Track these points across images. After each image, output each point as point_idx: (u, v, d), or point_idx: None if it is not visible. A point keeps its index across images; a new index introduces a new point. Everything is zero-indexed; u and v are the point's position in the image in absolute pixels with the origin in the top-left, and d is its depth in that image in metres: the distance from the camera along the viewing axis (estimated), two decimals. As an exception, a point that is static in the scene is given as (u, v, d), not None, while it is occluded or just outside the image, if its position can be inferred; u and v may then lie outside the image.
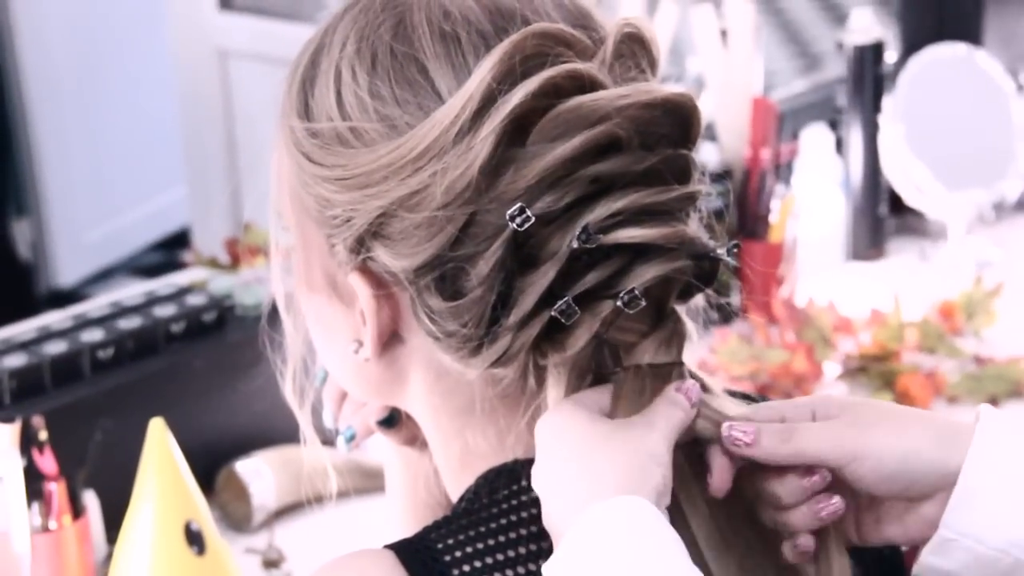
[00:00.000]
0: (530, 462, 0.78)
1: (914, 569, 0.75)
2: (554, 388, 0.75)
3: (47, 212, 3.79)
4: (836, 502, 0.75)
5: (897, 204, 2.14)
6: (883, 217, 2.13)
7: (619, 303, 0.73)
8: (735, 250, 0.76)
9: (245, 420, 1.56)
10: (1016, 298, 1.95)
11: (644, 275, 0.73)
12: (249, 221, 2.07)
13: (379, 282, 0.77)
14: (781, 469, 0.75)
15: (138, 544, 1.29)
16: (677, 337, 0.77)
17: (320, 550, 1.52)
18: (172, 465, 1.30)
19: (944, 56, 2.12)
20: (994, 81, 2.13)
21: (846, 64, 2.10)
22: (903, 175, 2.09)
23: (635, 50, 0.76)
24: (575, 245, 0.72)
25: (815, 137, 2.08)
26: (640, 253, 0.73)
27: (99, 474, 1.40)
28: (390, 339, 0.79)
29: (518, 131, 0.72)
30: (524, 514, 0.77)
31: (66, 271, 3.86)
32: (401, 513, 0.97)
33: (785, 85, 2.40)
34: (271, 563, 1.48)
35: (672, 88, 0.75)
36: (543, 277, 0.72)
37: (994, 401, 1.73)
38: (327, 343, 0.83)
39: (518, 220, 0.71)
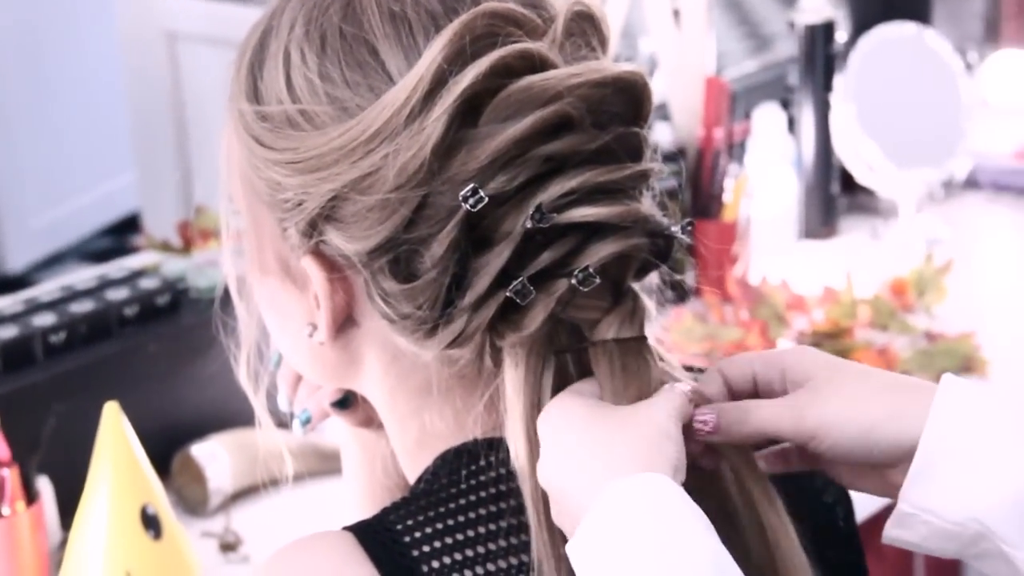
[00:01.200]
0: (489, 442, 0.78)
1: (882, 538, 0.76)
2: (511, 368, 0.75)
3: (-6, 198, 3.75)
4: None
5: (849, 183, 2.15)
6: (835, 196, 2.14)
7: (574, 281, 0.73)
8: (689, 228, 0.76)
9: (200, 403, 1.56)
10: (965, 275, 1.97)
11: (598, 253, 0.73)
12: (201, 204, 2.06)
13: (332, 265, 0.76)
14: None
15: (94, 529, 1.28)
16: (638, 313, 0.77)
17: (277, 533, 1.52)
18: (127, 449, 1.29)
19: (894, 35, 2.14)
20: (943, 60, 2.15)
21: (797, 44, 2.10)
22: (854, 154, 2.10)
23: (585, 28, 0.76)
24: (529, 225, 0.72)
25: (767, 117, 2.09)
26: (594, 232, 0.73)
27: (52, 459, 1.39)
28: (344, 322, 0.79)
29: (470, 112, 0.72)
30: (483, 493, 0.77)
31: (14, 257, 3.82)
32: (358, 495, 0.97)
33: (736, 65, 2.41)
34: (228, 546, 1.47)
35: (623, 66, 0.75)
36: (497, 257, 0.72)
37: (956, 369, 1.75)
38: (281, 327, 0.83)
39: (471, 201, 0.71)
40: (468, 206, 0.71)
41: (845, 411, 0.74)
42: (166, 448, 1.52)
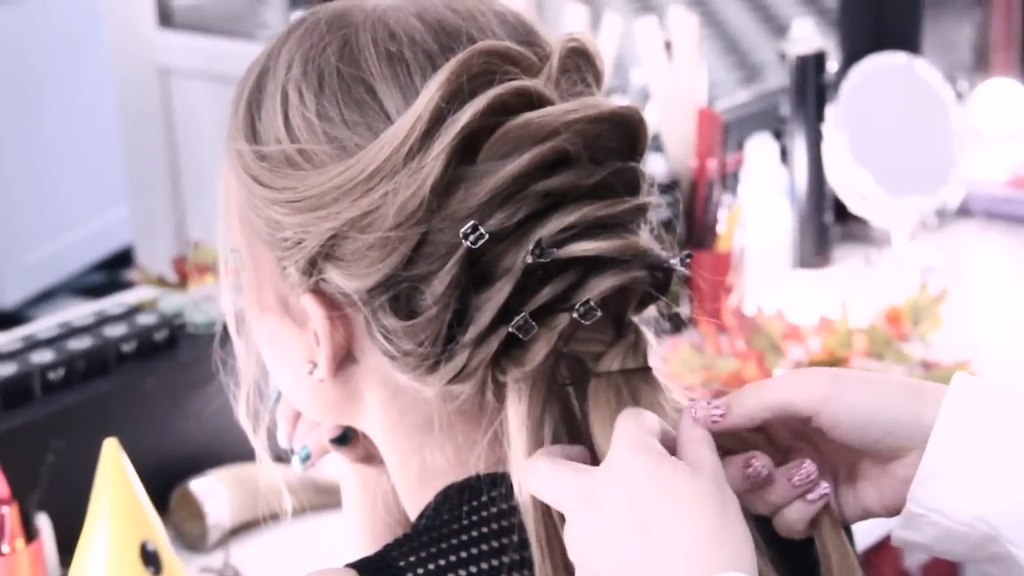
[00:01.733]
0: (491, 477, 0.78)
1: (891, 540, 0.76)
2: (514, 404, 0.75)
3: (-13, 233, 3.75)
4: (823, 487, 0.75)
5: (842, 212, 2.16)
6: (828, 225, 2.15)
7: (575, 315, 0.73)
8: (687, 260, 0.77)
9: (198, 439, 1.56)
10: (959, 303, 1.98)
11: (599, 286, 0.73)
12: (197, 240, 2.06)
13: (332, 303, 0.77)
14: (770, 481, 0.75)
15: (94, 565, 1.28)
16: (641, 345, 0.77)
17: (276, 568, 1.52)
18: (127, 485, 1.29)
19: (884, 65, 2.15)
20: (934, 89, 2.16)
21: (789, 74, 2.12)
22: (847, 183, 2.11)
23: (580, 64, 0.77)
24: (529, 260, 0.72)
25: (760, 147, 2.10)
26: (594, 266, 0.74)
27: (51, 496, 1.39)
28: (344, 359, 0.79)
29: (468, 149, 0.72)
30: (485, 529, 0.77)
31: (7, 292, 3.82)
32: (358, 531, 0.97)
33: (727, 96, 2.42)
34: (227, 582, 1.47)
35: (618, 102, 0.76)
36: (498, 293, 0.73)
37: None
38: (280, 364, 0.83)
39: (471, 237, 0.72)
40: (468, 243, 0.72)
41: (861, 385, 0.74)
42: (164, 484, 1.52)
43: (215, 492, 1.53)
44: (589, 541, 0.70)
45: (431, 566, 0.76)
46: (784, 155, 2.14)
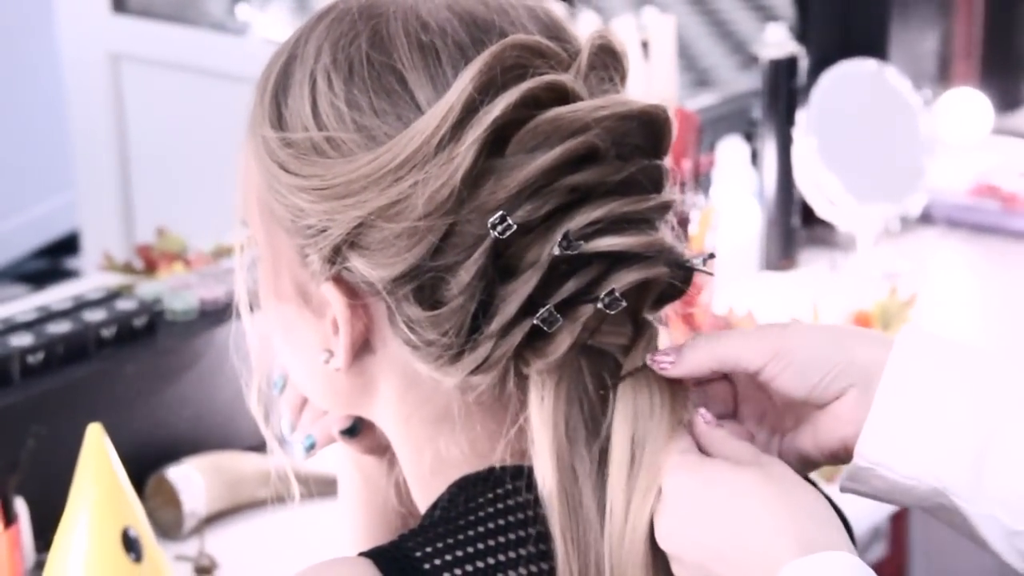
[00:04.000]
0: (510, 469, 0.78)
1: (839, 489, 0.77)
2: (537, 397, 0.76)
3: (-75, 218, 3.69)
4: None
5: (809, 216, 2.18)
6: (795, 228, 2.17)
7: (600, 305, 0.74)
8: (709, 259, 0.78)
9: (176, 426, 1.55)
10: (921, 307, 2.01)
11: (623, 280, 0.74)
12: (162, 227, 2.04)
13: (354, 292, 0.77)
14: None
15: (75, 550, 1.27)
16: (654, 342, 0.78)
17: (251, 557, 1.51)
18: (110, 471, 1.28)
19: (855, 71, 2.17)
20: (903, 97, 2.19)
21: (761, 78, 2.13)
22: (815, 187, 2.13)
23: (607, 62, 0.78)
24: (556, 252, 0.73)
25: (731, 149, 2.11)
26: (618, 260, 0.75)
27: (27, 481, 1.37)
28: (361, 348, 0.79)
29: (498, 142, 0.73)
30: (503, 521, 0.77)
31: (-54, 277, 3.76)
32: (355, 523, 0.97)
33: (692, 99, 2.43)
34: (203, 570, 1.46)
35: (647, 100, 0.77)
36: (525, 285, 0.73)
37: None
38: (294, 353, 0.83)
39: (499, 228, 0.72)
40: (496, 233, 0.72)
41: (808, 333, 0.76)
42: (141, 470, 1.51)
43: (191, 480, 1.52)
44: (684, 539, 0.73)
45: (448, 557, 0.76)
46: (754, 158, 2.16)
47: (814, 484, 0.76)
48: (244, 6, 3.56)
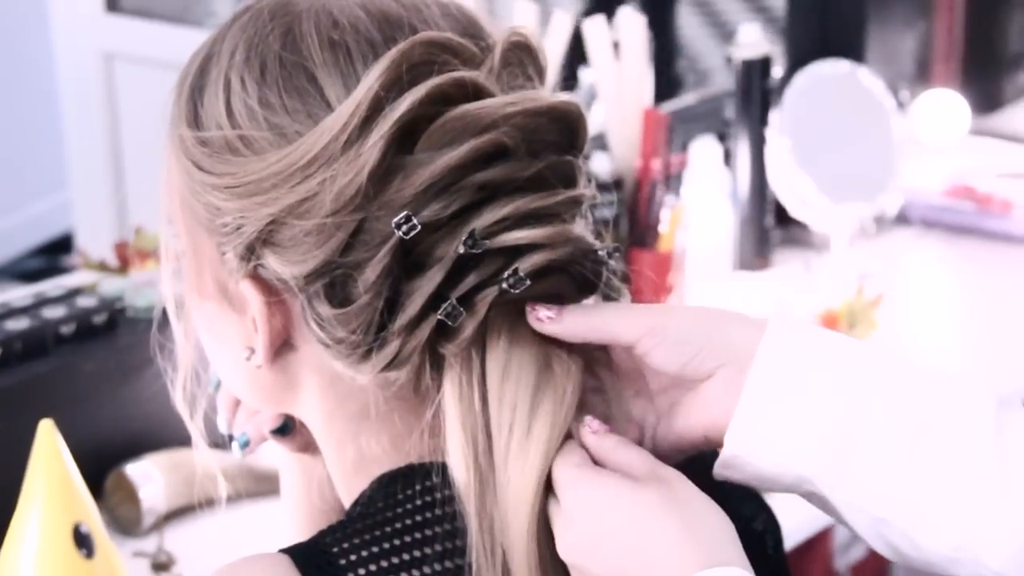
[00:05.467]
0: (425, 466, 0.79)
1: (713, 475, 0.77)
2: (450, 385, 0.76)
3: (-78, 217, 3.71)
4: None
5: (783, 216, 2.18)
6: (769, 228, 2.17)
7: (505, 285, 0.74)
8: (615, 252, 0.78)
9: (135, 423, 1.55)
10: (896, 309, 2.01)
11: (528, 262, 0.75)
12: (139, 225, 2.05)
13: (270, 289, 0.78)
14: None
15: (25, 546, 1.27)
16: None
17: (211, 554, 1.51)
18: (61, 467, 1.28)
19: (828, 72, 2.17)
20: (875, 98, 2.19)
21: (734, 78, 2.14)
22: (789, 188, 2.13)
23: (523, 59, 0.78)
24: (462, 251, 0.73)
25: (704, 149, 2.11)
26: (524, 252, 0.75)
27: (-17, 477, 1.38)
28: (282, 346, 0.80)
29: (406, 138, 0.73)
30: (419, 517, 0.78)
31: (-57, 276, 3.78)
32: (295, 518, 0.97)
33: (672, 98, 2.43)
34: (161, 566, 1.47)
35: (558, 95, 0.77)
36: (429, 282, 0.74)
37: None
38: (219, 350, 0.84)
39: (404, 228, 0.73)
40: (401, 233, 0.73)
41: (676, 318, 0.77)
42: (100, 467, 1.51)
43: (151, 477, 1.52)
44: (586, 554, 0.73)
45: (364, 553, 0.76)
46: (728, 158, 2.16)
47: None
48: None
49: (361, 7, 0.77)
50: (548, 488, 0.74)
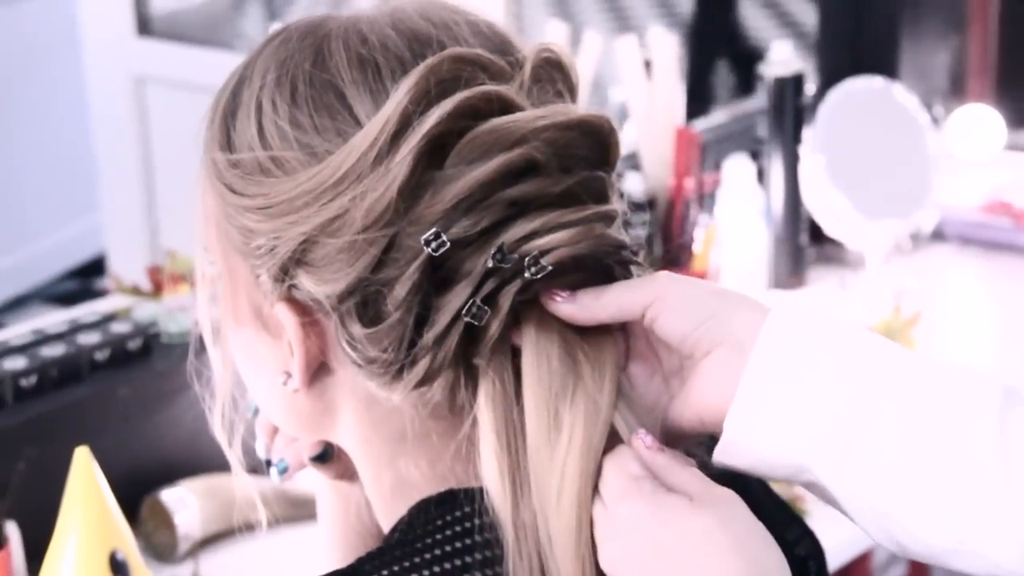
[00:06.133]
0: (466, 491, 0.78)
1: (713, 461, 0.76)
2: (484, 393, 0.75)
3: (-43, 240, 3.73)
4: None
5: (817, 234, 2.17)
6: (803, 246, 2.16)
7: (528, 275, 0.73)
8: (643, 248, 0.78)
9: (170, 449, 1.55)
10: (932, 326, 1.99)
11: (552, 254, 0.74)
12: (172, 249, 2.05)
13: (304, 310, 0.77)
14: None
15: (62, 573, 1.27)
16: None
17: (245, 579, 1.51)
18: (97, 494, 1.28)
19: (862, 89, 2.16)
20: (910, 114, 2.17)
21: (767, 96, 2.13)
22: (823, 205, 2.12)
23: (553, 75, 0.77)
24: (490, 264, 0.73)
25: (737, 167, 2.10)
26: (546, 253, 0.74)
27: (20, 504, 1.38)
28: (319, 369, 0.79)
29: (436, 154, 0.73)
30: (459, 544, 0.77)
31: (-23, 299, 3.80)
32: (332, 544, 0.96)
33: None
34: (196, 593, 1.47)
35: (589, 110, 0.76)
36: (458, 297, 0.73)
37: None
38: (255, 376, 0.83)
39: (433, 245, 0.72)
40: (430, 250, 0.72)
41: (684, 288, 0.76)
42: (135, 493, 1.51)
43: (186, 503, 1.52)
44: (629, 570, 0.72)
45: None
46: (761, 176, 2.15)
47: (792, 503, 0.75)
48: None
49: (391, 26, 0.77)
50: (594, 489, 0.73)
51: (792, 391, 0.73)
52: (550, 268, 0.73)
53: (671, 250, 1.93)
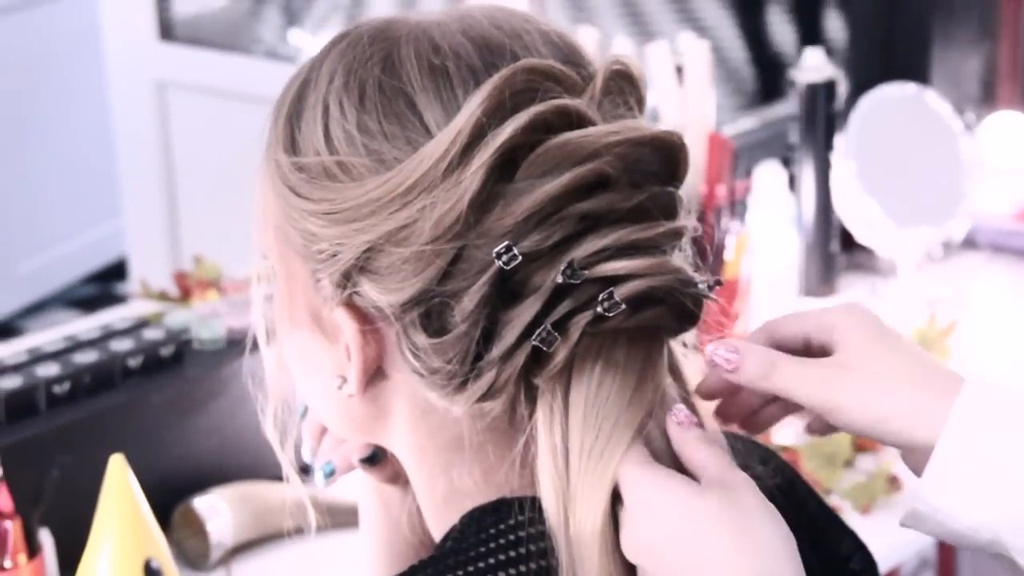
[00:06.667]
0: (520, 500, 0.77)
1: (899, 524, 0.76)
2: (544, 414, 0.74)
3: (-22, 244, 3.73)
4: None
5: (848, 241, 2.16)
6: (834, 254, 2.15)
7: (600, 309, 0.72)
8: (716, 285, 0.77)
9: (202, 456, 1.54)
10: (965, 334, 1.97)
11: (625, 289, 0.73)
12: (198, 254, 2.05)
13: (364, 317, 0.76)
14: None
15: (97, 583, 1.26)
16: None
17: (278, 588, 1.50)
18: (132, 502, 1.28)
19: (894, 95, 2.15)
20: (943, 120, 2.16)
21: (798, 102, 2.11)
22: (854, 212, 2.11)
23: (623, 87, 0.77)
24: (560, 280, 0.72)
25: (768, 174, 2.09)
26: (621, 281, 0.73)
27: (53, 511, 1.37)
28: (374, 375, 0.78)
29: (507, 166, 0.72)
30: (512, 553, 0.76)
31: (-1, 303, 3.80)
32: (375, 552, 0.96)
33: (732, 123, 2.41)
34: (229, 602, 1.46)
35: (661, 126, 0.76)
36: (527, 311, 0.72)
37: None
38: (309, 379, 0.82)
39: (504, 258, 0.71)
40: (501, 263, 0.71)
41: (863, 394, 0.75)
42: (167, 500, 1.50)
43: (218, 510, 1.51)
44: (644, 555, 0.72)
45: None
46: (792, 183, 2.13)
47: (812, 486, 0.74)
48: (296, 32, 3.58)
49: (462, 33, 0.76)
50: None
51: (983, 467, 0.72)
52: (623, 307, 0.73)
53: (703, 257, 1.92)
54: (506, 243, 0.71)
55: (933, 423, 0.73)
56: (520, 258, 0.71)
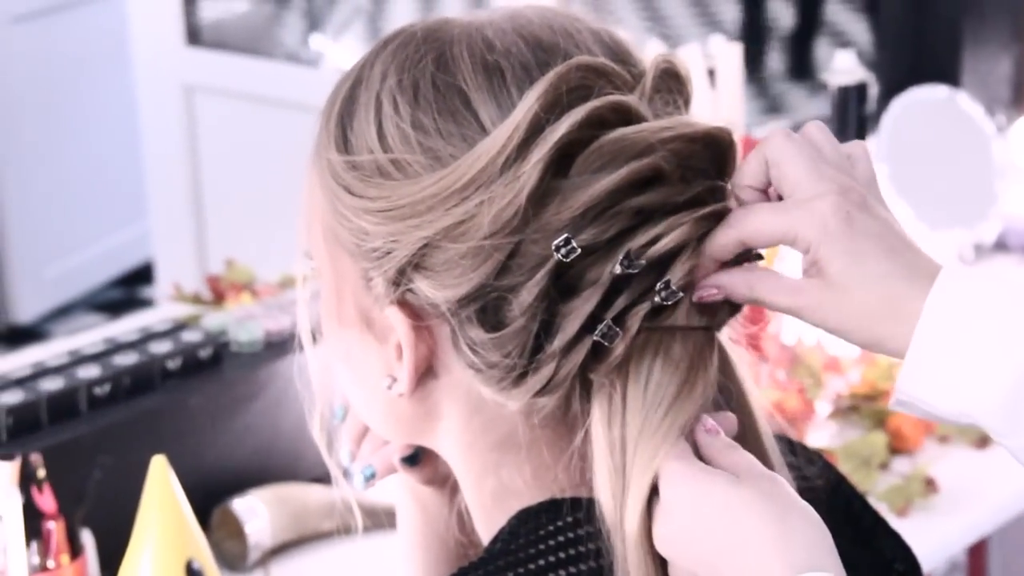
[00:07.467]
0: (572, 500, 0.77)
1: (888, 405, 0.77)
2: (600, 410, 0.74)
3: (6, 247, 3.75)
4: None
5: (880, 244, 2.15)
6: (866, 256, 2.14)
7: (658, 299, 0.73)
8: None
9: (241, 458, 1.55)
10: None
11: (678, 272, 0.74)
12: (230, 257, 2.06)
13: (417, 315, 0.76)
14: None
15: (140, 583, 1.27)
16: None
17: (316, 589, 1.51)
18: (174, 503, 1.28)
19: (926, 98, 2.14)
20: (975, 123, 2.16)
21: (830, 105, 2.11)
22: (886, 215, 2.10)
23: (671, 86, 0.77)
24: (617, 271, 0.72)
25: (799, 176, 2.08)
26: (671, 261, 0.74)
27: (94, 512, 1.38)
28: (424, 374, 0.78)
29: (563, 162, 0.73)
30: (563, 554, 0.76)
31: (25, 307, 3.82)
32: (413, 554, 0.96)
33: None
34: (267, 602, 1.46)
35: (713, 122, 0.76)
36: (586, 303, 0.73)
37: (985, 439, 1.74)
38: (356, 380, 0.82)
39: (563, 251, 0.72)
40: (560, 256, 0.72)
41: (843, 302, 0.73)
42: (206, 502, 1.51)
43: (256, 511, 1.51)
44: (679, 547, 0.72)
45: None
46: (823, 185, 2.13)
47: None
48: (318, 37, 3.59)
49: (515, 31, 0.77)
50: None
51: (961, 355, 0.72)
52: (681, 295, 0.73)
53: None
54: (565, 236, 0.72)
55: (905, 331, 0.73)
56: (579, 251, 0.72)
